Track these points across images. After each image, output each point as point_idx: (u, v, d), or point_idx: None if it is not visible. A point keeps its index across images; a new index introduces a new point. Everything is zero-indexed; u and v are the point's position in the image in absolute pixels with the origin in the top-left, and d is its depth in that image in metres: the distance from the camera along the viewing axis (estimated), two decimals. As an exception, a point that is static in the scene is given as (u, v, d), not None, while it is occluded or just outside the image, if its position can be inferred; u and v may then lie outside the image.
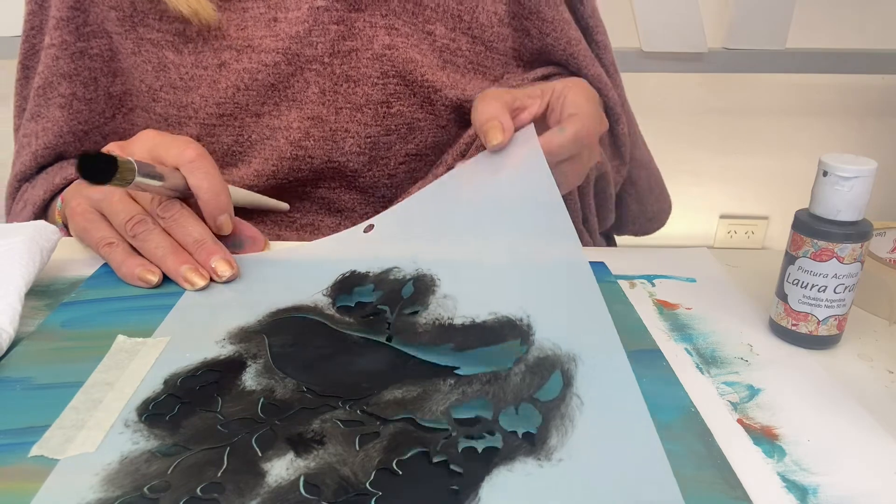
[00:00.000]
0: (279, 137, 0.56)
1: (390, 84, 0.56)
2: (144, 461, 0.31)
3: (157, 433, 0.33)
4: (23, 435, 0.33)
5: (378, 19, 0.55)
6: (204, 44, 0.56)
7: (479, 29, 0.58)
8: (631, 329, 0.43)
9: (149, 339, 0.41)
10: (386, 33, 0.55)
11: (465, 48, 0.58)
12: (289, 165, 0.57)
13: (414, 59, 0.56)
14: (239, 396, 0.36)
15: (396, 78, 0.56)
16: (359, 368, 0.39)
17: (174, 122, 0.57)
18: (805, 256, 0.42)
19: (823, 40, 1.49)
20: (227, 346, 0.40)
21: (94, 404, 0.35)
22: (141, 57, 0.57)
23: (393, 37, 0.55)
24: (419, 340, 0.41)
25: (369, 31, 0.55)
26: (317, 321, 0.43)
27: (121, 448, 0.32)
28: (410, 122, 0.58)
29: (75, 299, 0.45)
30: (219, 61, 0.55)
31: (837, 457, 0.34)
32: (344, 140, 0.57)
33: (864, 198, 0.40)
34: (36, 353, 0.40)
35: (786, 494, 0.32)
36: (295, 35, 0.54)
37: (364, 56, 0.55)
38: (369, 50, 0.55)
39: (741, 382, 0.40)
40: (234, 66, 0.55)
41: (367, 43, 0.55)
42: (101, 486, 0.30)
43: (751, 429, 0.36)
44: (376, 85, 0.56)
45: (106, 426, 0.34)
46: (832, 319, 0.43)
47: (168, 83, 0.56)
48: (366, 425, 0.34)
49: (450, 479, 0.31)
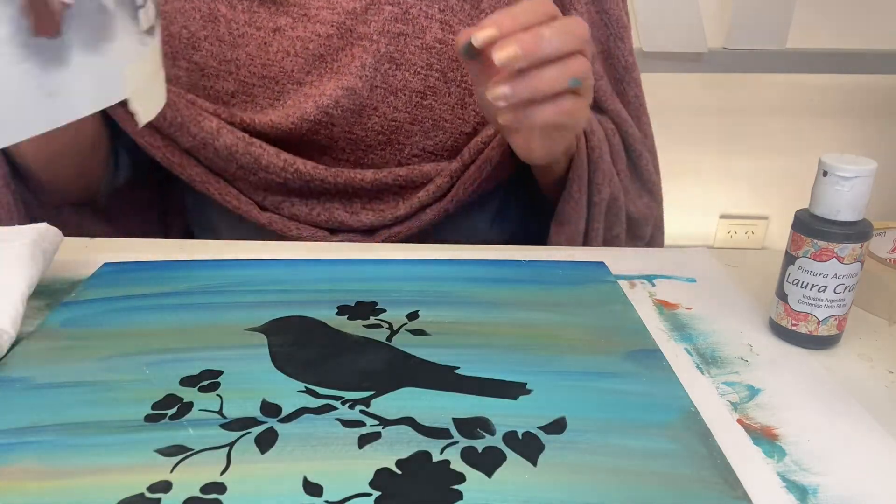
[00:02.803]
0: (309, 101, 0.57)
1: (431, 77, 0.57)
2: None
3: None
4: (23, 435, 0.33)
5: (435, 12, 0.56)
6: (260, 4, 0.57)
7: None
8: (631, 329, 0.43)
9: None
10: (440, 27, 0.56)
11: None
12: (308, 127, 0.58)
13: (460, 59, 0.56)
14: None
15: (439, 73, 0.57)
16: (359, 368, 0.39)
17: (211, 73, 0.58)
18: (805, 256, 0.42)
19: (823, 40, 1.49)
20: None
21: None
22: (191, 4, 0.57)
23: (445, 32, 0.56)
24: (420, 342, 0.41)
25: (423, 21, 0.56)
26: (317, 321, 0.43)
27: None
28: (437, 120, 0.58)
29: (75, 299, 0.45)
30: (274, 25, 0.57)
31: (837, 457, 0.34)
32: (370, 117, 0.58)
33: (864, 198, 0.40)
34: (36, 352, 0.40)
35: (786, 494, 0.32)
36: (352, 11, 0.56)
37: (413, 43, 0.56)
38: (420, 39, 0.56)
39: (741, 382, 0.40)
40: (289, 32, 0.56)
41: (418, 31, 0.56)
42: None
43: (751, 429, 0.36)
44: (418, 74, 0.57)
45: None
46: (832, 319, 0.43)
47: (214, 34, 0.57)
48: (366, 426, 0.34)
49: (450, 478, 0.31)
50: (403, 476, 0.31)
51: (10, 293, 0.42)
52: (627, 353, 0.41)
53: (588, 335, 0.42)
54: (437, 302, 0.46)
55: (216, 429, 0.34)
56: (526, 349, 0.41)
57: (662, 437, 0.34)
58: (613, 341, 0.42)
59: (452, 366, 0.39)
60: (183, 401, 0.36)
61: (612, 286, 0.49)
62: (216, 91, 0.58)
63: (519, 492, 0.30)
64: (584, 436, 0.34)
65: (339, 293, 0.46)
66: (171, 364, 0.39)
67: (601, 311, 0.45)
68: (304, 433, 0.34)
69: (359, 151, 0.59)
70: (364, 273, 0.50)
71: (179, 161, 0.58)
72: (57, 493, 0.30)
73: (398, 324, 0.43)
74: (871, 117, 1.63)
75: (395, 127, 0.58)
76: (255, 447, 0.33)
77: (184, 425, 0.34)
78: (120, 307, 0.44)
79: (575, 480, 0.31)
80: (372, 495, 0.30)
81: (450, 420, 0.35)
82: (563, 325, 0.43)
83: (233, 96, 0.58)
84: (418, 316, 0.44)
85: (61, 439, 0.33)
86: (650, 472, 0.32)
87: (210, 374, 0.38)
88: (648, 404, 0.36)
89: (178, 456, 0.32)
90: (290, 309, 0.44)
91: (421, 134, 0.59)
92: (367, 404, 0.36)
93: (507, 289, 0.48)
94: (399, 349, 0.41)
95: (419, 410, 0.35)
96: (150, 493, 0.30)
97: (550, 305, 0.46)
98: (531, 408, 0.36)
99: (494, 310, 0.45)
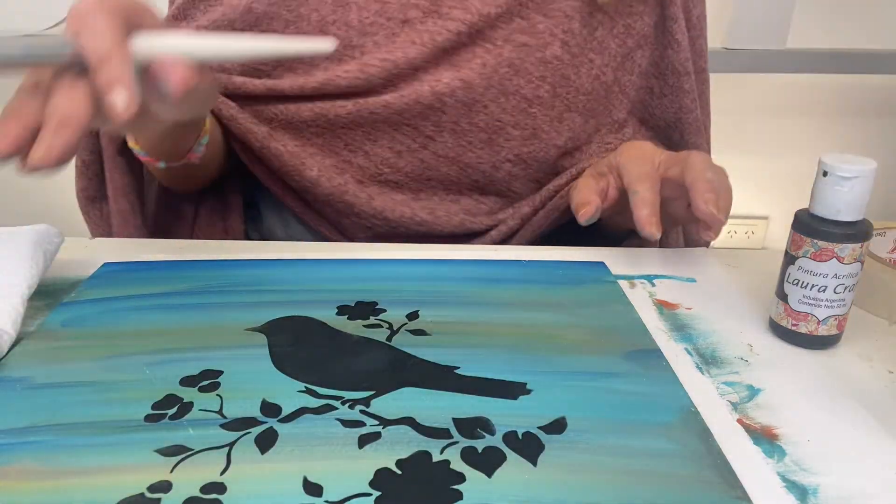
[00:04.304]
0: (424, 85, 0.59)
1: (542, 88, 0.60)
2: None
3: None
4: (24, 434, 0.33)
5: (559, 32, 0.59)
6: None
7: (623, 72, 0.63)
8: (631, 329, 0.43)
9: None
10: (560, 46, 0.60)
11: (609, 84, 0.63)
12: (419, 110, 0.59)
13: (570, 77, 0.60)
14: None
15: (550, 86, 0.60)
16: (359, 368, 0.39)
17: (335, 57, 0.59)
18: (805, 256, 0.42)
19: (823, 40, 1.49)
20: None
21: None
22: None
23: (563, 51, 0.60)
24: (419, 342, 0.41)
25: (547, 38, 0.59)
26: (317, 321, 0.43)
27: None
28: (536, 129, 0.61)
29: (75, 299, 0.45)
30: (404, 17, 0.58)
31: (837, 457, 0.34)
32: (478, 113, 0.60)
33: (864, 198, 0.40)
34: (36, 352, 0.40)
35: (786, 494, 0.32)
36: (486, 15, 0.58)
37: (533, 55, 0.59)
38: (540, 52, 0.59)
39: (741, 382, 0.40)
40: (418, 25, 0.58)
41: (540, 45, 0.59)
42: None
43: (751, 429, 0.36)
44: (531, 83, 0.59)
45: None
46: (832, 319, 0.43)
47: (343, 20, 0.58)
48: (366, 425, 0.34)
49: (450, 478, 0.31)
50: (403, 476, 0.31)
51: (11, 294, 0.42)
52: (627, 353, 0.41)
53: (588, 335, 0.42)
54: (437, 302, 0.46)
55: (216, 429, 0.34)
56: (526, 349, 0.41)
57: (662, 437, 0.34)
58: (613, 341, 0.42)
59: (452, 366, 0.39)
60: (183, 401, 0.36)
61: (612, 286, 0.49)
62: (345, 77, 0.59)
63: (519, 492, 0.30)
64: (583, 436, 0.34)
65: (339, 293, 0.46)
66: (170, 364, 0.39)
67: (601, 311, 0.45)
68: (304, 433, 0.33)
69: (459, 147, 0.61)
70: (364, 273, 0.50)
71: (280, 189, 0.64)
72: (55, 493, 0.30)
73: (398, 324, 0.43)
74: (871, 117, 1.62)
75: (498, 127, 0.60)
76: (255, 447, 0.33)
77: (184, 425, 0.34)
78: (120, 307, 0.44)
79: (574, 480, 0.31)
80: (372, 495, 0.30)
81: (450, 420, 0.35)
82: (563, 325, 0.43)
83: (359, 83, 0.59)
84: (418, 316, 0.44)
85: (60, 439, 0.33)
86: (649, 471, 0.32)
87: (210, 375, 0.38)
88: (648, 404, 0.36)
89: (178, 456, 0.32)
90: (290, 309, 0.44)
91: (520, 139, 0.61)
92: (367, 404, 0.36)
93: (507, 289, 0.48)
94: (399, 349, 0.41)
95: (419, 410, 0.35)
96: (150, 492, 0.30)
97: (550, 305, 0.46)
98: (531, 408, 0.36)
99: (494, 310, 0.45)
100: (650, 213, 0.49)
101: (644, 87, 0.66)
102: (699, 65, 0.67)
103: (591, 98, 0.62)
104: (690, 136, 0.67)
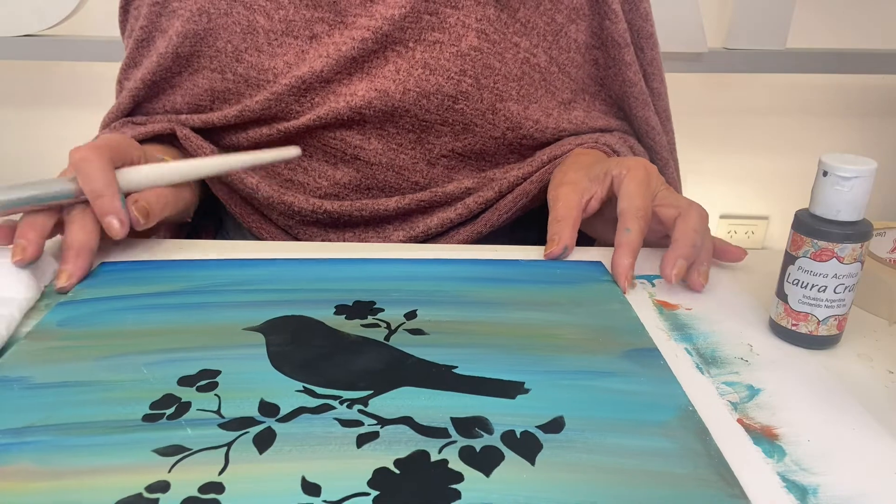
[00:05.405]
0: (340, 100, 0.59)
1: (464, 82, 0.58)
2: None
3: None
4: (21, 435, 0.33)
5: (472, 21, 0.58)
6: (296, 13, 0.58)
7: (558, 50, 0.62)
8: (628, 328, 0.43)
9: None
10: (476, 36, 0.58)
11: (543, 65, 0.61)
12: (334, 122, 0.60)
13: (494, 66, 0.59)
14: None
15: (472, 79, 0.58)
16: (357, 367, 0.39)
17: (253, 83, 0.60)
18: (805, 256, 0.42)
19: (823, 40, 1.49)
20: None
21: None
22: (232, 18, 0.59)
23: (481, 41, 0.58)
24: (417, 342, 0.41)
25: (460, 30, 0.58)
26: (315, 320, 0.43)
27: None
28: (468, 124, 0.60)
29: (72, 299, 0.45)
30: (310, 33, 0.58)
31: (837, 457, 0.34)
32: (401, 117, 0.59)
33: (864, 198, 0.40)
34: (33, 352, 0.40)
35: (786, 494, 0.32)
36: (389, 18, 0.57)
37: (448, 50, 0.58)
38: (455, 47, 0.58)
39: (741, 382, 0.40)
40: (325, 39, 0.58)
41: (454, 40, 0.58)
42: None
43: (751, 429, 0.36)
44: (451, 79, 0.58)
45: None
46: (832, 319, 0.42)
47: (254, 45, 0.59)
48: (365, 425, 0.34)
49: (449, 478, 0.31)
50: (402, 475, 0.31)
51: (10, 304, 0.43)
52: (625, 352, 0.41)
53: (586, 334, 0.42)
54: (435, 301, 0.46)
55: (214, 428, 0.34)
56: (524, 348, 0.41)
57: (659, 436, 0.34)
58: (611, 340, 0.42)
59: (450, 365, 0.39)
60: (181, 401, 0.36)
61: (610, 285, 0.49)
62: (257, 102, 0.60)
63: (517, 491, 0.30)
64: (581, 435, 0.34)
65: (337, 293, 0.46)
66: (168, 364, 0.39)
67: (599, 311, 0.45)
68: (303, 433, 0.33)
69: (390, 151, 0.61)
70: (362, 272, 0.50)
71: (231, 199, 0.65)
72: (53, 494, 0.30)
73: (396, 323, 0.43)
74: (871, 117, 1.63)
75: (425, 127, 0.60)
76: (254, 447, 0.32)
77: (182, 425, 0.34)
78: (117, 307, 0.44)
79: (572, 479, 0.31)
80: (370, 495, 0.30)
81: (448, 419, 0.34)
82: (560, 325, 0.43)
83: (270, 106, 0.60)
84: (416, 315, 0.44)
85: (57, 440, 0.33)
86: (647, 470, 0.32)
87: (208, 374, 0.38)
88: (646, 403, 0.36)
89: (176, 456, 0.32)
90: (288, 308, 0.44)
91: (451, 135, 0.61)
92: (365, 404, 0.36)
93: (505, 288, 0.48)
94: (397, 349, 0.40)
95: (417, 410, 0.35)
96: (148, 493, 0.30)
97: (548, 305, 0.46)
98: (529, 407, 0.36)
99: (492, 309, 0.45)
100: (631, 264, 0.49)
101: (589, 60, 0.64)
102: (647, 29, 0.65)
103: (525, 84, 0.60)
104: (638, 110, 0.66)
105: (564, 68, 0.63)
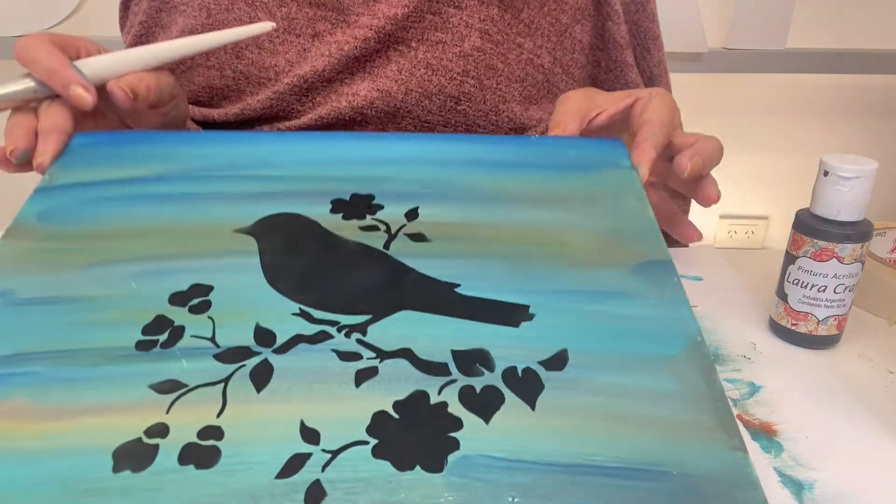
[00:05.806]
0: (342, 100, 0.58)
1: (467, 83, 0.58)
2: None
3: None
4: (10, 364, 0.31)
5: (475, 21, 0.57)
6: (298, 11, 0.58)
7: (562, 51, 0.61)
8: (642, 233, 0.40)
9: None
10: (479, 36, 0.57)
11: (547, 66, 0.61)
12: (342, 126, 0.59)
13: (497, 67, 0.58)
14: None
15: (475, 80, 0.58)
16: (355, 283, 0.37)
17: (254, 81, 0.60)
18: (805, 256, 0.42)
19: (823, 40, 1.49)
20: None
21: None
22: (233, 14, 0.59)
23: (485, 41, 0.58)
24: (419, 251, 0.39)
25: (463, 30, 0.57)
26: (310, 221, 0.40)
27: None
28: (470, 125, 0.60)
29: (49, 183, 0.42)
30: (312, 31, 0.58)
31: (834, 453, 0.35)
32: (403, 118, 0.59)
33: (865, 198, 0.41)
34: (14, 256, 0.37)
35: (781, 489, 0.32)
36: (392, 17, 0.56)
37: (451, 51, 0.57)
38: (458, 47, 0.57)
39: (742, 379, 0.40)
40: (327, 38, 0.58)
41: (457, 40, 0.57)
42: None
43: (749, 424, 0.36)
44: (454, 80, 0.58)
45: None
46: (832, 319, 0.43)
47: (254, 42, 0.59)
48: (363, 359, 0.33)
49: (448, 425, 0.30)
50: (401, 421, 0.30)
51: None
52: (637, 265, 0.38)
53: (597, 242, 0.39)
54: (437, 195, 0.42)
55: (210, 360, 0.32)
56: (530, 260, 0.38)
57: (664, 374, 0.32)
58: (623, 250, 0.39)
59: (453, 283, 0.37)
60: (174, 324, 0.34)
61: (629, 173, 0.44)
62: (259, 100, 0.59)
63: (515, 441, 0.30)
64: (584, 373, 0.32)
65: (333, 182, 0.43)
66: (158, 276, 0.36)
67: (614, 209, 0.42)
68: (300, 367, 0.32)
69: None
70: (360, 154, 0.46)
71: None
72: (54, 439, 0.29)
73: (396, 226, 0.40)
74: (871, 117, 1.63)
75: (427, 128, 0.60)
76: (251, 383, 0.31)
77: (176, 355, 0.32)
78: (98, 196, 0.41)
79: (571, 427, 0.30)
80: (369, 444, 0.29)
81: (448, 353, 0.33)
82: (571, 228, 0.40)
83: (272, 105, 0.59)
84: (418, 215, 0.41)
85: (51, 371, 0.31)
86: (647, 416, 0.31)
87: (200, 291, 0.36)
88: (654, 332, 0.34)
89: (173, 393, 0.31)
90: (281, 203, 0.41)
91: None
92: (363, 332, 0.34)
93: (513, 176, 0.44)
94: (398, 260, 0.38)
95: (417, 340, 0.34)
96: (147, 437, 0.29)
97: (559, 201, 0.42)
98: (532, 339, 0.34)
99: (499, 207, 0.42)
100: (653, 157, 0.45)
101: (591, 61, 0.64)
102: (653, 30, 0.64)
103: (528, 85, 0.60)
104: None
105: (568, 69, 0.62)
